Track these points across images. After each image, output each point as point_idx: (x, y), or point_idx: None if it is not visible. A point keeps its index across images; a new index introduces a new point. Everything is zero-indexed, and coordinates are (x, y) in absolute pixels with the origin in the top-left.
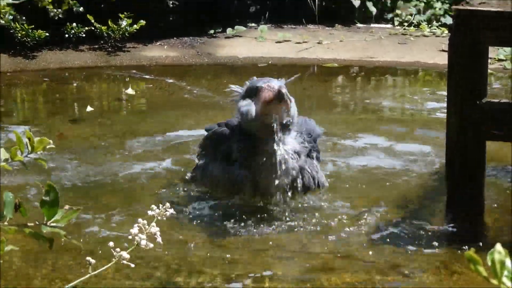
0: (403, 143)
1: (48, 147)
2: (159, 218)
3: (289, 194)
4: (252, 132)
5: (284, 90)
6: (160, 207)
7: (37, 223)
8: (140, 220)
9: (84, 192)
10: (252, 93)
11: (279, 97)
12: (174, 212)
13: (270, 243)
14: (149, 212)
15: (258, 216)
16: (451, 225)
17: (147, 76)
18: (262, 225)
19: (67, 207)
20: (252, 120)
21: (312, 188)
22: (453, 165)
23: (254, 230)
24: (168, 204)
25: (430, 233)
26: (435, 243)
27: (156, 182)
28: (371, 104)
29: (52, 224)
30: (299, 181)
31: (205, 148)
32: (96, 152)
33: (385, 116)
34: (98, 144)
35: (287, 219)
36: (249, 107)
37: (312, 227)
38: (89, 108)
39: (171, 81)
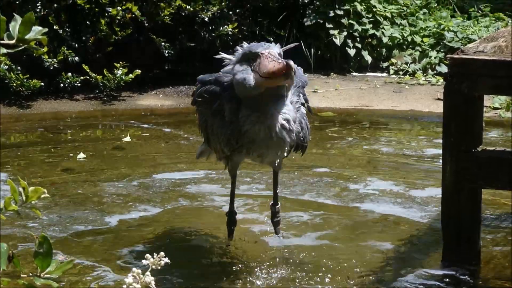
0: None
1: (42, 196)
2: (153, 267)
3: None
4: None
5: (292, 64)
6: (155, 256)
7: (30, 274)
8: (134, 269)
9: (76, 241)
10: (250, 58)
11: (285, 74)
12: (169, 261)
13: None
14: (144, 262)
15: (252, 263)
16: (447, 273)
17: (143, 125)
18: (256, 273)
19: (60, 257)
20: (250, 89)
21: (307, 137)
22: (449, 212)
23: (248, 277)
24: (162, 253)
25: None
26: None
27: (150, 228)
28: (367, 150)
29: (45, 276)
30: (301, 134)
31: (199, 105)
32: (88, 199)
33: (382, 163)
34: (90, 191)
35: (282, 267)
36: (246, 75)
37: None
38: (81, 156)
39: (168, 130)
